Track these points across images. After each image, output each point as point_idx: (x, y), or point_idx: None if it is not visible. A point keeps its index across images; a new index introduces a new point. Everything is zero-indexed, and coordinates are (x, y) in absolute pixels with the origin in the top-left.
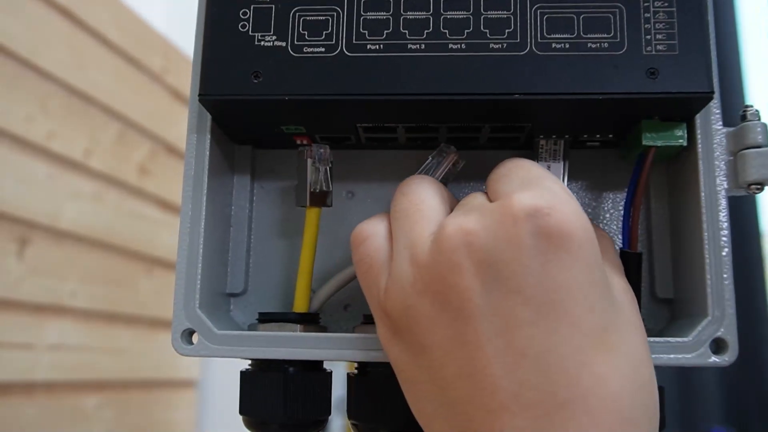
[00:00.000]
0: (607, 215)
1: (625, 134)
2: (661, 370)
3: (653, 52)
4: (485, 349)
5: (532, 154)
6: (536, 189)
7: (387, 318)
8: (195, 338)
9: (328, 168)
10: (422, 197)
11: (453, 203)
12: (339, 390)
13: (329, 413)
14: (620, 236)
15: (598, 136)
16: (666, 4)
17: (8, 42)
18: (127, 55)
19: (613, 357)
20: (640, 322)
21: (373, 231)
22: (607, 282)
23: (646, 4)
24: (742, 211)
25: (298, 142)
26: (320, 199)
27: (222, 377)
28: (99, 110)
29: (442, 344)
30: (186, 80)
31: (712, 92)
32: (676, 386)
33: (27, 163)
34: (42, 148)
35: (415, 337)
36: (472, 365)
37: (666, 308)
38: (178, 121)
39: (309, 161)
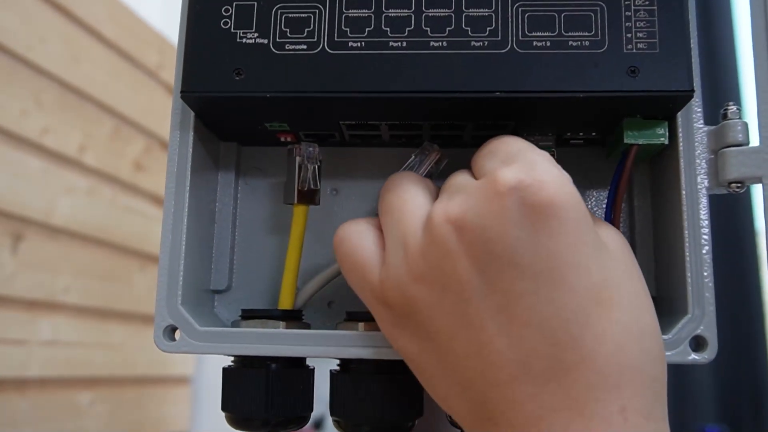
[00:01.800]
0: None
1: (609, 132)
2: None
3: (634, 51)
4: (488, 326)
5: None
6: (518, 163)
7: (388, 309)
8: (177, 335)
9: (316, 166)
10: (407, 190)
11: (437, 193)
12: None
13: (311, 410)
14: None
15: (581, 134)
16: (647, 3)
17: (3, 37)
18: (122, 51)
19: (613, 312)
20: (636, 268)
21: (350, 230)
22: (598, 237)
23: (627, 3)
24: (737, 210)
25: (283, 139)
26: (308, 197)
27: (216, 374)
28: (93, 106)
29: (447, 328)
30: None
31: (693, 90)
32: (669, 385)
33: (21, 159)
34: (36, 144)
35: (419, 325)
36: (478, 344)
37: None
38: None
39: (298, 159)
